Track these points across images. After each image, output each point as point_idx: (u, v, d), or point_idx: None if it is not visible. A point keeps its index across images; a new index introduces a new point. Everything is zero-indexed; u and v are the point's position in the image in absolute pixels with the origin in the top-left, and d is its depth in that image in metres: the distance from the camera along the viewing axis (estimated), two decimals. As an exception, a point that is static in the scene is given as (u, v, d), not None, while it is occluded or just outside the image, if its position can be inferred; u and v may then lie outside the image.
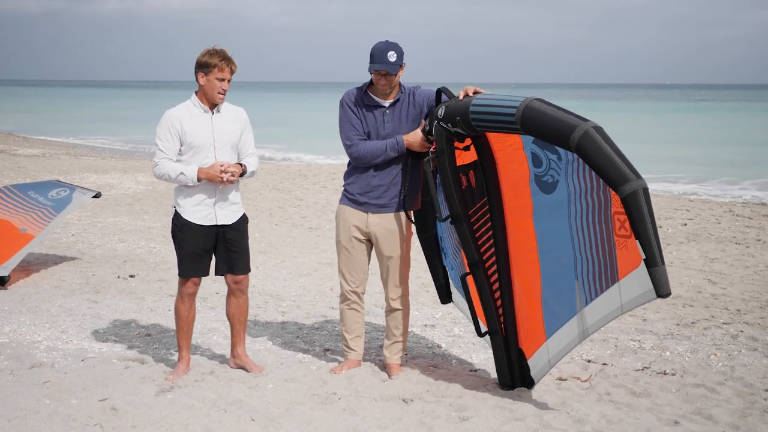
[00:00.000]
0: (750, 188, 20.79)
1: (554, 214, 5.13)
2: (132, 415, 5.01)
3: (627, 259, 4.62)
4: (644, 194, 4.42)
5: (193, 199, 5.61)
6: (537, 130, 4.78)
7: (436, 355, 6.53)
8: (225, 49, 5.58)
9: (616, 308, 4.79)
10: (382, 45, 5.55)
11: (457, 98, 5.31)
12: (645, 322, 7.54)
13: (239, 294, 5.87)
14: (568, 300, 5.11)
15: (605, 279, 4.82)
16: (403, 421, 5.05)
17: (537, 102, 4.81)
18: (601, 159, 4.50)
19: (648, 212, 4.41)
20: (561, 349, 5.28)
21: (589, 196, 4.87)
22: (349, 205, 5.78)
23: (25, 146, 29.05)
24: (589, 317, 4.99)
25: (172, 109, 5.66)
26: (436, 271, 6.07)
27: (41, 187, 9.64)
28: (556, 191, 5.10)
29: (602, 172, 4.50)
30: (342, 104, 5.72)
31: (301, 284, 9.02)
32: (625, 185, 4.42)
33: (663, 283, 4.44)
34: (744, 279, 9.49)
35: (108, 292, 8.36)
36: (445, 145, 5.34)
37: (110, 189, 16.63)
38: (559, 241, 5.12)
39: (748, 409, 5.36)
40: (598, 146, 4.51)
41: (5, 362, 6.02)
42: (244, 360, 5.94)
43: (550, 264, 5.24)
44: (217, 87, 5.53)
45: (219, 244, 5.71)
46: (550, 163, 5.12)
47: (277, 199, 15.88)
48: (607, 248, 4.78)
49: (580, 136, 4.54)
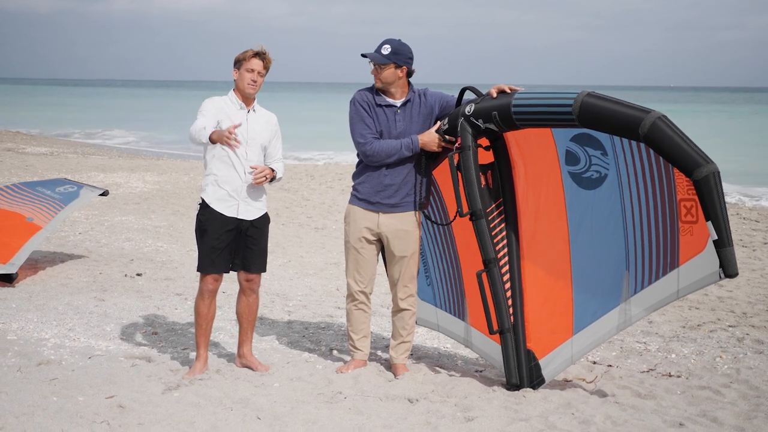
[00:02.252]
0: (757, 190, 20.76)
1: (601, 207, 5.27)
2: (138, 413, 5.03)
3: (690, 245, 4.82)
4: (717, 177, 4.64)
5: (219, 190, 5.65)
6: (598, 122, 4.92)
7: (442, 355, 6.54)
8: (262, 45, 5.71)
9: (672, 293, 4.99)
10: (386, 39, 5.65)
11: (489, 96, 5.40)
12: (651, 325, 7.54)
13: (250, 293, 5.89)
14: (610, 292, 5.27)
15: (663, 266, 5.00)
16: (409, 421, 5.06)
17: (593, 94, 4.96)
18: (672, 146, 4.69)
19: (719, 196, 4.63)
20: (590, 343, 5.42)
21: (649, 186, 5.01)
22: (360, 205, 5.79)
23: (33, 145, 29.12)
24: (636, 306, 5.17)
25: (211, 97, 5.75)
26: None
27: (49, 184, 9.70)
28: (604, 185, 5.23)
29: (674, 158, 4.69)
30: (353, 102, 5.74)
31: (308, 284, 9.05)
32: (699, 169, 4.62)
33: (733, 263, 4.68)
34: (750, 282, 9.48)
35: (115, 290, 8.39)
36: (471, 141, 5.42)
37: (118, 188, 16.67)
38: (607, 233, 5.25)
39: (753, 412, 5.36)
40: (668, 135, 4.69)
41: (13, 359, 6.05)
42: (250, 359, 5.95)
43: (587, 259, 5.38)
44: (247, 78, 5.62)
45: (239, 241, 5.74)
46: (590, 159, 5.25)
47: (284, 199, 15.91)
48: (669, 235, 4.95)
49: (650, 126, 4.71)
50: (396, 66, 5.61)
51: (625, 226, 5.17)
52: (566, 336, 5.50)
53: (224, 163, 5.64)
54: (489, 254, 5.54)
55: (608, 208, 5.25)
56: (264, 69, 5.66)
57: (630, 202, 5.13)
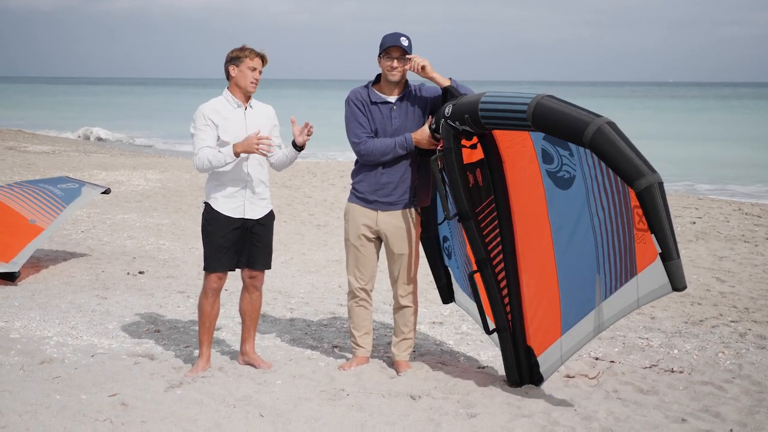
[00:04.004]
0: (759, 186, 20.75)
1: (573, 208, 5.13)
2: (141, 411, 5.04)
3: (645, 253, 4.64)
4: (659, 188, 4.44)
5: (224, 192, 5.66)
6: (549, 127, 4.79)
7: (444, 352, 6.55)
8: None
9: (633, 302, 4.81)
10: (394, 32, 5.63)
11: (464, 96, 5.33)
12: (653, 320, 7.54)
13: (253, 290, 5.89)
14: (588, 295, 5.11)
15: (625, 272, 4.83)
16: (411, 418, 5.07)
17: (548, 99, 4.82)
18: (615, 154, 4.51)
19: (663, 206, 4.43)
20: (574, 345, 5.29)
21: (609, 190, 4.87)
22: (358, 203, 5.80)
23: (35, 143, 29.12)
24: (606, 312, 5.01)
25: (205, 103, 5.70)
26: (438, 271, 6.11)
27: (51, 182, 9.72)
28: (573, 186, 5.10)
29: (617, 167, 4.52)
30: (348, 102, 5.74)
31: (310, 281, 9.05)
32: (640, 180, 4.43)
33: (679, 277, 4.47)
34: (753, 277, 9.48)
35: (117, 288, 8.40)
36: (452, 143, 5.35)
37: (120, 186, 16.68)
38: (580, 235, 5.12)
39: (755, 407, 5.36)
40: (612, 142, 4.52)
41: (16, 358, 6.06)
42: (253, 357, 5.96)
43: (568, 259, 5.24)
44: (250, 76, 5.62)
45: (245, 238, 5.74)
46: (562, 159, 5.12)
47: (286, 196, 15.91)
48: (627, 242, 4.78)
49: (593, 132, 4.55)
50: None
51: (594, 228, 5.01)
52: (556, 336, 5.39)
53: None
54: (480, 254, 5.49)
55: (578, 210, 5.10)
56: (262, 66, 5.71)
57: (595, 205, 4.97)
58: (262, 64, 5.68)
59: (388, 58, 5.58)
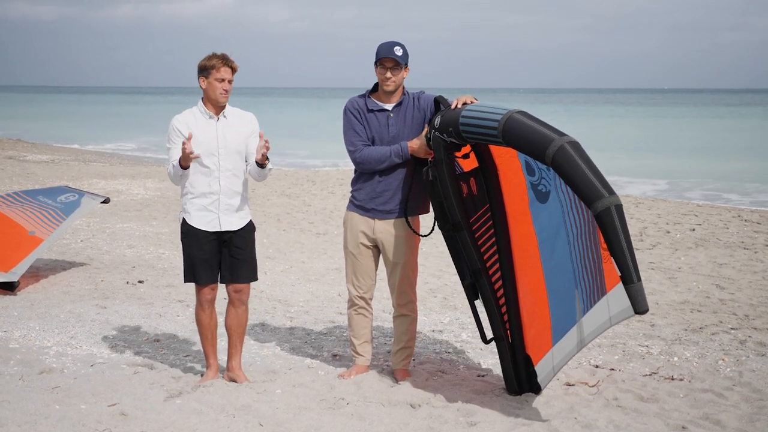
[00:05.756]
0: (759, 194, 20.74)
1: (552, 222, 5.11)
2: (141, 421, 5.03)
3: (612, 273, 4.56)
4: (617, 211, 4.35)
5: (196, 204, 5.61)
6: (516, 143, 4.74)
7: (444, 360, 6.54)
8: (225, 53, 5.60)
9: (606, 320, 4.75)
10: (388, 42, 5.65)
11: (451, 108, 5.33)
12: (653, 328, 7.53)
13: (239, 304, 5.79)
14: (570, 309, 5.08)
15: (597, 291, 4.79)
16: (411, 426, 5.06)
17: (518, 115, 4.76)
18: (575, 174, 4.44)
19: (621, 229, 4.34)
20: (563, 357, 5.26)
21: (579, 208, 4.84)
22: (357, 211, 5.81)
23: (35, 152, 29.14)
24: (586, 327, 4.96)
25: (178, 115, 5.67)
26: (462, 269, 6.06)
27: (50, 192, 9.71)
28: (549, 200, 5.09)
29: (576, 187, 4.45)
30: (345, 111, 5.76)
31: (309, 290, 9.04)
32: (597, 202, 4.36)
33: (639, 300, 4.38)
34: (752, 284, 9.47)
35: (117, 297, 8.39)
36: (443, 154, 5.33)
37: (119, 195, 16.69)
38: (559, 249, 5.10)
39: (756, 415, 5.35)
40: (573, 161, 4.46)
41: (15, 367, 6.05)
42: (237, 373, 5.83)
43: (553, 272, 5.22)
44: (218, 88, 5.54)
45: (224, 251, 5.68)
46: (541, 172, 5.12)
47: (285, 204, 15.91)
48: (596, 260, 4.73)
49: (555, 151, 4.50)
50: (405, 66, 5.64)
51: (569, 244, 4.97)
52: (548, 346, 5.35)
53: (198, 176, 5.57)
54: (475, 264, 5.48)
55: (557, 224, 5.06)
56: (232, 74, 5.58)
57: (569, 221, 4.93)
58: (231, 73, 5.56)
59: (382, 68, 5.60)
